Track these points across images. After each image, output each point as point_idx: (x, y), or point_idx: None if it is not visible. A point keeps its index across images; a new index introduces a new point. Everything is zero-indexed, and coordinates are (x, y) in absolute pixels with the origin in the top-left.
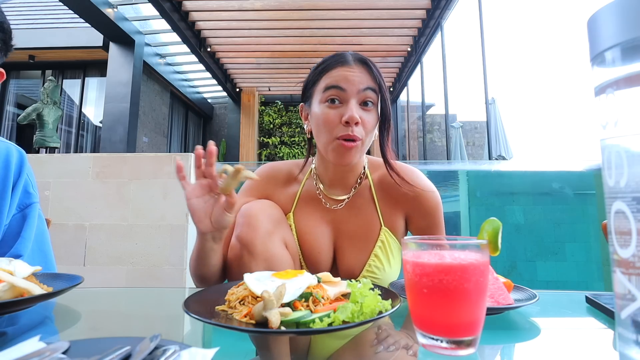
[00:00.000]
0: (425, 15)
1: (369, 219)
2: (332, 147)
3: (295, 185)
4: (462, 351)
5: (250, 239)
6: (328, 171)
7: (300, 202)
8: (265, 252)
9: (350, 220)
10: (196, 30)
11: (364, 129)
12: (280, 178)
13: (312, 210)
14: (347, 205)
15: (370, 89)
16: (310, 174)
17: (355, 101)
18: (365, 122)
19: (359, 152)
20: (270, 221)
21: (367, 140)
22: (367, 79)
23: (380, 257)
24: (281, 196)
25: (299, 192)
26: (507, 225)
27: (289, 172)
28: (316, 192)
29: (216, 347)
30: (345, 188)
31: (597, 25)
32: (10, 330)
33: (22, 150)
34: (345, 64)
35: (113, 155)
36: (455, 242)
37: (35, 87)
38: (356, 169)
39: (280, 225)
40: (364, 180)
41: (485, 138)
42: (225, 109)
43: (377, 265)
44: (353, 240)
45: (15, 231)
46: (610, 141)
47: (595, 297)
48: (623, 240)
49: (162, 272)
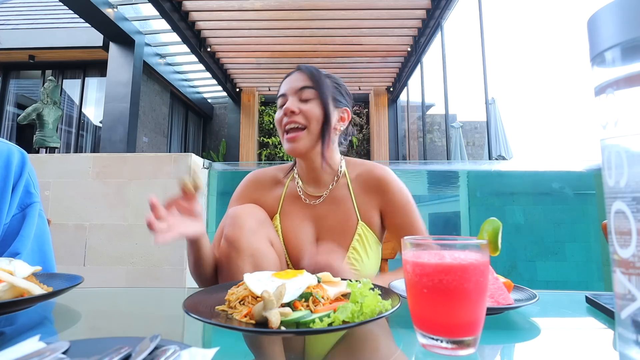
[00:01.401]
0: (425, 15)
1: (346, 214)
2: (283, 142)
3: (280, 187)
4: (462, 351)
5: (236, 236)
6: (303, 169)
7: (284, 202)
8: (251, 248)
9: (329, 215)
10: (196, 30)
11: (306, 117)
12: (265, 182)
13: (295, 208)
14: (326, 201)
15: (305, 87)
16: (293, 175)
17: (293, 98)
18: (305, 110)
19: (304, 140)
20: (254, 221)
21: (312, 128)
22: (303, 80)
23: (358, 250)
24: (267, 199)
25: (283, 193)
26: (507, 225)
27: (274, 176)
28: (297, 191)
29: (216, 347)
30: (322, 185)
31: (597, 25)
32: (10, 330)
33: (23, 151)
34: (288, 76)
35: (113, 155)
36: (455, 242)
37: (35, 87)
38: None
39: (265, 225)
40: (340, 178)
41: (485, 138)
42: (225, 109)
43: (356, 257)
44: (333, 234)
45: (15, 230)
46: (610, 141)
47: (595, 297)
48: (623, 240)
49: (162, 272)
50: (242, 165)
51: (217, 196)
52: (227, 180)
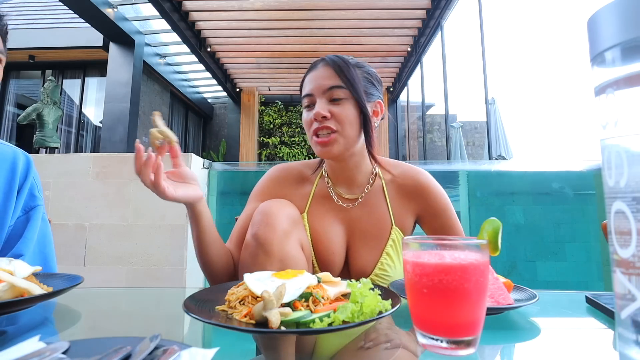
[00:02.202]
0: (425, 15)
1: (380, 218)
2: (313, 144)
3: (307, 185)
4: (462, 351)
5: (267, 238)
6: (334, 171)
7: (313, 201)
8: (282, 253)
9: (362, 219)
10: (196, 30)
11: (338, 121)
12: (291, 179)
13: (325, 209)
14: (360, 204)
15: (336, 87)
16: (322, 174)
17: (322, 100)
18: (337, 114)
19: (338, 143)
20: (288, 221)
21: (347, 131)
22: (332, 78)
23: (391, 256)
24: (294, 197)
25: (312, 192)
26: (507, 225)
27: (300, 172)
28: (328, 191)
29: (216, 347)
30: (355, 187)
31: (597, 25)
32: (10, 330)
33: (29, 155)
34: (313, 69)
35: (113, 155)
36: (455, 242)
37: (35, 87)
38: (361, 168)
39: (297, 226)
40: (375, 180)
41: (485, 138)
42: (225, 109)
43: (389, 263)
44: (366, 239)
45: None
46: (610, 141)
47: (595, 297)
48: (623, 240)
49: (162, 272)
50: (242, 165)
51: (217, 196)
52: (227, 180)
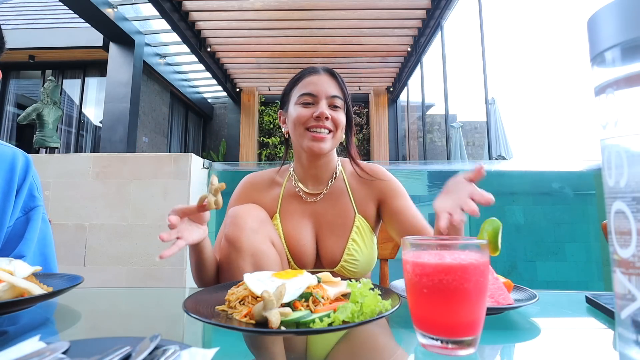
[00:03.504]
0: (425, 15)
1: (344, 208)
2: (307, 137)
3: (277, 188)
4: (462, 351)
5: (236, 236)
6: (304, 168)
7: (283, 201)
8: (251, 248)
9: (328, 210)
10: (196, 30)
11: (334, 124)
12: (262, 184)
13: (294, 207)
14: (325, 198)
15: (337, 97)
16: (289, 176)
17: (325, 102)
18: (335, 118)
19: (329, 142)
20: (255, 220)
21: (338, 134)
22: (334, 87)
23: (357, 241)
24: (266, 200)
25: (281, 193)
26: (507, 225)
27: (270, 177)
28: (296, 191)
29: (216, 347)
30: (321, 182)
31: (597, 25)
32: (10, 330)
33: (28, 155)
34: (315, 73)
35: (113, 155)
36: (455, 242)
37: (35, 87)
38: (329, 165)
39: (265, 225)
40: (338, 175)
41: (485, 138)
42: (225, 109)
43: (356, 248)
44: (332, 228)
45: (19, 233)
46: (610, 141)
47: (595, 297)
48: (623, 240)
49: (162, 272)
50: (242, 165)
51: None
52: (227, 181)
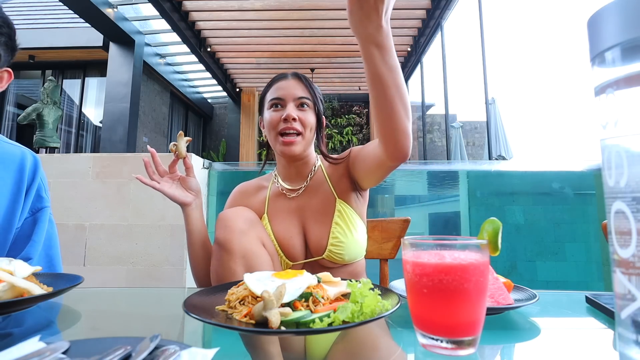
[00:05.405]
0: (425, 15)
1: (325, 196)
2: (278, 142)
3: (263, 191)
4: (462, 351)
5: (226, 238)
6: (285, 168)
7: (270, 202)
8: (242, 250)
9: (310, 201)
10: (196, 30)
11: (303, 125)
12: (250, 190)
13: (280, 205)
14: (306, 190)
15: (304, 97)
16: (274, 177)
17: (292, 105)
18: (303, 119)
19: (300, 144)
20: (244, 222)
21: (307, 134)
22: (301, 89)
23: (340, 225)
24: (254, 203)
25: (268, 195)
26: (507, 225)
27: (257, 183)
28: (280, 190)
29: (216, 347)
30: (302, 178)
31: (597, 25)
32: (10, 330)
33: (36, 155)
34: (284, 79)
35: (113, 155)
36: (455, 242)
37: (35, 87)
38: (308, 162)
39: (255, 225)
40: (317, 169)
41: (485, 138)
42: (225, 109)
43: (340, 231)
44: (316, 217)
45: (26, 234)
46: (610, 141)
47: (595, 297)
48: (623, 240)
49: (162, 272)
50: (242, 165)
51: (217, 196)
52: (227, 180)
